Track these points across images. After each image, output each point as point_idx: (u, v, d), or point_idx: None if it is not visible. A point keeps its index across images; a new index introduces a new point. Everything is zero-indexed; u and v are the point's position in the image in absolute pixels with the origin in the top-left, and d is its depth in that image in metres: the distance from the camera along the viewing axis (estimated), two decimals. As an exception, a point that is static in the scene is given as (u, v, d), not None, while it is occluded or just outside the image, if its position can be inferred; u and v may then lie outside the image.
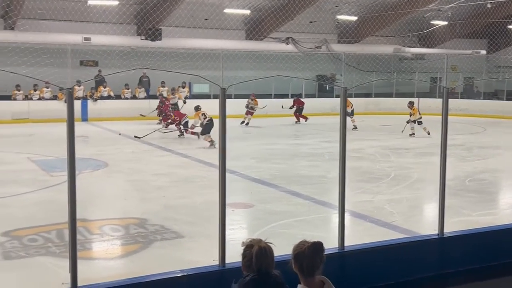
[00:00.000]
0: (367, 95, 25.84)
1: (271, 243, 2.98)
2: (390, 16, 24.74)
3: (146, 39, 22.53)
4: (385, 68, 27.12)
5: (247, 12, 23.83)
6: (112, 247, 6.45)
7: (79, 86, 20.91)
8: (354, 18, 25.44)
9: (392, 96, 26.12)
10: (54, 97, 20.78)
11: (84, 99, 21.31)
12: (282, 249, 3.24)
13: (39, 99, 21.17)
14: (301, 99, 21.97)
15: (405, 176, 10.56)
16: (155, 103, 19.66)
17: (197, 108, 15.24)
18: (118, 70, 18.61)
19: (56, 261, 5.71)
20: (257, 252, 2.86)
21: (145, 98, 23.00)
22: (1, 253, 5.94)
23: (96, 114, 20.73)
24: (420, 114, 17.05)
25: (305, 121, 21.02)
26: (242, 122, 19.76)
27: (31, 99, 20.96)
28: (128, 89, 22.96)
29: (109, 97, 21.97)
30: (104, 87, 22.27)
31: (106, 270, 5.59)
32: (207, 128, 14.41)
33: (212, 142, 14.01)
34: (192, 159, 12.54)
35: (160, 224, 7.04)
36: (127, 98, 22.86)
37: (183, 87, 23.32)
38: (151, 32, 22.47)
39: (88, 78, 20.69)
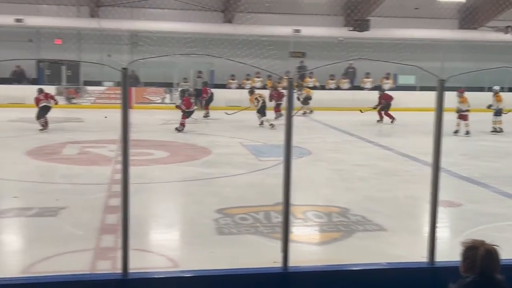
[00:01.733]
0: None
1: (497, 246, 2.80)
2: None
3: (354, 30, 22.55)
4: None
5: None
6: (315, 232, 6.63)
7: (287, 77, 21.78)
8: None
9: None
10: (263, 87, 21.96)
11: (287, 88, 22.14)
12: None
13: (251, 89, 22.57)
14: (389, 94, 18.46)
15: None
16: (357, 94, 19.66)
17: (252, 92, 16.51)
18: (324, 61, 18.94)
19: (264, 240, 6.05)
20: (484, 254, 2.70)
21: (349, 89, 23.14)
22: (215, 228, 6.45)
23: (300, 104, 21.41)
24: None
25: (391, 121, 17.73)
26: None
27: (243, 88, 22.41)
28: (332, 80, 23.29)
29: (314, 88, 22.51)
30: (310, 78, 22.88)
31: (308, 254, 5.76)
32: (261, 110, 15.96)
33: (272, 126, 15.47)
34: (394, 151, 12.29)
35: (362, 215, 7.03)
36: (331, 89, 23.23)
37: (387, 78, 22.92)
38: (359, 23, 22.42)
39: (295, 69, 21.52)
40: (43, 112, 14.25)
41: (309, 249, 5.99)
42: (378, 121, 17.92)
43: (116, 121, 12.59)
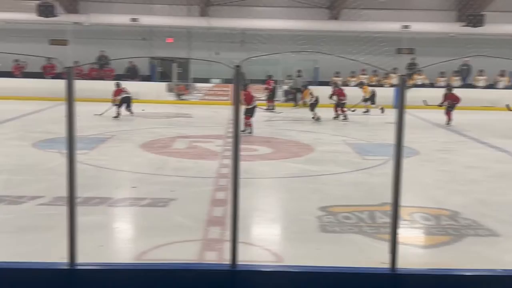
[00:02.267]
0: None
1: None
2: None
3: (467, 25, 21.53)
4: None
5: None
6: (422, 235, 6.42)
7: (395, 74, 21.24)
8: None
9: None
10: (369, 84, 21.59)
11: (397, 86, 21.59)
12: None
13: (356, 85, 22.26)
14: (455, 94, 16.63)
15: None
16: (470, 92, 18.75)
17: (306, 87, 17.91)
18: (434, 58, 18.30)
19: (368, 241, 5.96)
20: None
21: (459, 87, 22.15)
22: (319, 225, 6.45)
23: (408, 102, 20.77)
24: None
25: (448, 122, 16.33)
26: None
27: (347, 85, 22.17)
28: (443, 77, 22.41)
29: (422, 85, 21.79)
30: (419, 75, 22.17)
31: (415, 256, 5.60)
32: (312, 106, 17.05)
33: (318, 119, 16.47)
34: (509, 153, 11.62)
35: (473, 219, 6.71)
36: (441, 87, 22.35)
37: (502, 76, 21.70)
38: (473, 17, 21.37)
39: (403, 66, 20.93)
40: (125, 102, 16.29)
41: (416, 251, 5.82)
42: (447, 124, 16.40)
43: (222, 117, 12.96)
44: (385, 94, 20.74)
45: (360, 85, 20.11)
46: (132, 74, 22.58)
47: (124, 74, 22.34)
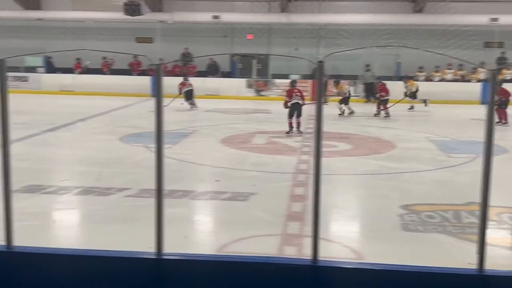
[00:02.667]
0: None
1: None
2: None
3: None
4: None
5: None
6: (510, 236, 6.16)
7: (483, 68, 20.41)
8: None
9: None
10: (455, 79, 20.88)
11: (485, 81, 20.71)
12: None
13: (440, 80, 21.57)
14: (505, 89, 14.87)
15: None
16: None
17: (338, 82, 17.13)
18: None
19: (453, 241, 5.78)
20: None
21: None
22: (400, 224, 6.32)
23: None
24: None
25: (503, 122, 14.46)
26: None
27: (431, 80, 21.50)
28: (534, 71, 21.29)
29: (510, 80, 20.78)
30: (508, 69, 21.16)
31: (502, 258, 5.38)
32: (344, 101, 16.85)
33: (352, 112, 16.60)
34: None
35: None
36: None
37: None
38: None
39: (491, 60, 20.03)
40: (188, 95, 17.26)
41: (503, 253, 5.59)
42: (497, 122, 13.92)
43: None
44: (472, 89, 19.96)
45: (407, 79, 18.66)
46: (213, 70, 23.00)
47: (205, 70, 22.80)
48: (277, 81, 22.46)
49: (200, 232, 6.28)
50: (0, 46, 19.57)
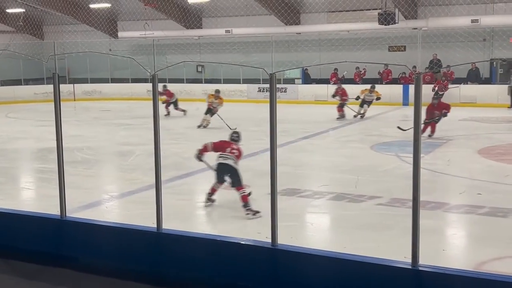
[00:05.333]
0: None
1: None
2: None
3: None
4: None
5: None
6: None
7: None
8: None
9: None
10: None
11: None
12: None
13: None
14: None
15: None
16: None
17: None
18: None
19: None
20: None
21: None
22: None
23: None
24: None
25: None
26: None
27: None
28: None
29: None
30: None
31: None
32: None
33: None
34: None
35: None
36: None
37: None
38: None
39: None
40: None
41: None
42: None
43: None
44: None
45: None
46: (474, 77, 21.65)
47: (465, 77, 21.57)
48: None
49: (454, 247, 6.02)
50: (263, 60, 21.48)
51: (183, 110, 17.56)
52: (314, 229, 6.64)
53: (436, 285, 3.47)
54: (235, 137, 7.43)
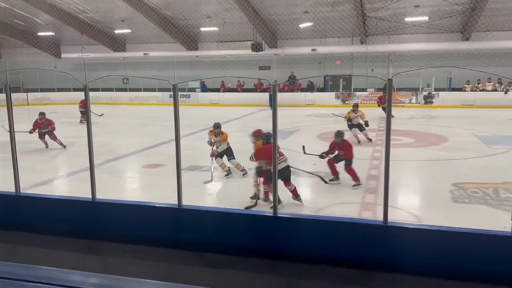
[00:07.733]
0: None
1: None
2: None
3: None
4: None
5: None
6: None
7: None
8: None
9: None
10: (494, 89, 18.95)
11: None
12: None
13: (481, 90, 19.74)
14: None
15: None
16: None
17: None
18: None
19: (492, 211, 5.33)
20: None
21: None
22: (451, 197, 5.94)
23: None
24: None
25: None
26: None
27: (475, 90, 19.75)
28: None
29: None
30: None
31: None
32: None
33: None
34: None
35: None
36: None
37: None
38: None
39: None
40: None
41: None
42: None
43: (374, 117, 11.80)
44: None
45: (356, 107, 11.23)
46: (310, 87, 22.77)
47: (305, 88, 22.63)
48: (358, 93, 21.76)
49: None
50: (172, 75, 20.93)
51: (62, 144, 10.40)
52: (208, 194, 6.65)
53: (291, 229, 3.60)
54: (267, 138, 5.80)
